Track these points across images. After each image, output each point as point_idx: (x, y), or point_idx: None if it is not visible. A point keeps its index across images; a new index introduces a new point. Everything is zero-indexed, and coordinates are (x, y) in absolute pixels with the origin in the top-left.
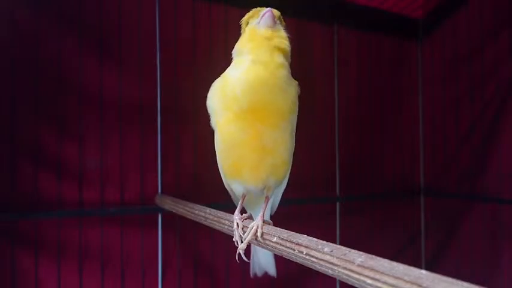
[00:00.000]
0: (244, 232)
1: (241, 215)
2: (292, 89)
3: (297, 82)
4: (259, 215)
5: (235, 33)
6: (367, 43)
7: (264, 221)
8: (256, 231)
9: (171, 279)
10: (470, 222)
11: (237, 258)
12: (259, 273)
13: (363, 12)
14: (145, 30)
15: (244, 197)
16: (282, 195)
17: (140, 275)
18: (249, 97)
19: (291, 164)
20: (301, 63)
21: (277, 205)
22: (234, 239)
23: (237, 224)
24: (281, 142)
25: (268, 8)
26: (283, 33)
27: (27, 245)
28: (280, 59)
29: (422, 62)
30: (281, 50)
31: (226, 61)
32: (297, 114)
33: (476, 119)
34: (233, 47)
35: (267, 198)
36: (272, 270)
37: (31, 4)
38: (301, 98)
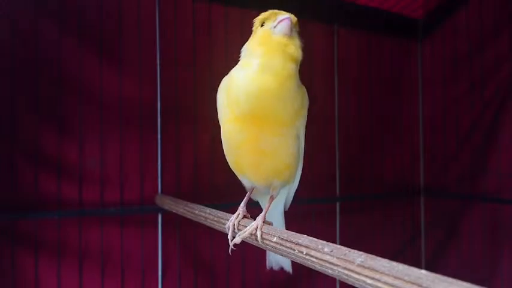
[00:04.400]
0: (240, 230)
1: (246, 210)
2: (298, 97)
3: (304, 88)
4: (260, 215)
5: (235, 33)
6: (367, 43)
7: (264, 221)
8: (255, 230)
9: (171, 279)
10: (470, 222)
11: (230, 247)
12: (276, 267)
13: (362, 12)
14: (145, 30)
15: (252, 190)
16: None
17: (140, 275)
18: (251, 105)
19: (298, 166)
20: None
21: (290, 202)
22: (226, 225)
23: (238, 214)
24: (281, 147)
25: (288, 15)
26: (297, 42)
27: (27, 245)
28: (291, 69)
29: (423, 62)
30: (294, 59)
31: (226, 61)
32: (305, 118)
33: (476, 119)
34: (233, 47)
35: (271, 198)
36: (288, 266)
37: (31, 4)
38: None
